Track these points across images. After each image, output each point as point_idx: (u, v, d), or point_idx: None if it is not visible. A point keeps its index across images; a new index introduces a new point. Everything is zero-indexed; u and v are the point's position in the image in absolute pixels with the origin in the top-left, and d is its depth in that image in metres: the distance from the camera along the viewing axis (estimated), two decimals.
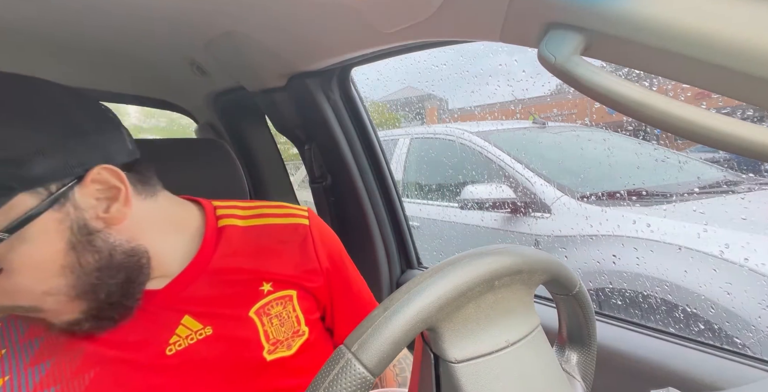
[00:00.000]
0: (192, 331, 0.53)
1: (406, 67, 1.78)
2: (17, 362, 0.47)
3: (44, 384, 0.47)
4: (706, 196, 1.60)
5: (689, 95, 1.42)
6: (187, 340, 0.52)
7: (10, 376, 0.46)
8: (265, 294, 0.58)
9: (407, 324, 0.30)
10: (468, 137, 2.16)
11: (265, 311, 0.57)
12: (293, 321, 0.59)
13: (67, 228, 0.43)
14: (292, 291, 0.59)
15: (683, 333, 0.74)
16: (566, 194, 1.70)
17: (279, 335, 0.57)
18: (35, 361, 0.47)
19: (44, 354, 0.48)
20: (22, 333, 0.49)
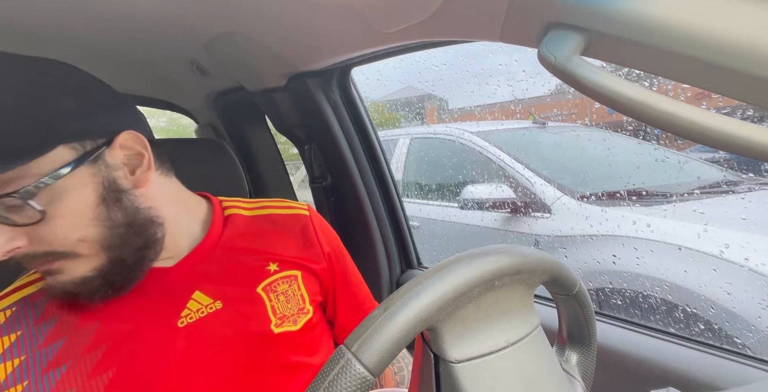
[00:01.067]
0: (202, 305, 0.56)
1: (406, 67, 1.78)
2: (31, 343, 0.49)
3: (57, 362, 0.49)
4: (706, 196, 1.60)
5: (689, 95, 1.42)
6: (197, 313, 0.55)
7: (26, 357, 0.49)
8: (272, 273, 0.61)
9: (407, 324, 0.30)
10: (468, 136, 2.16)
11: (271, 288, 0.61)
12: (298, 299, 0.62)
13: (99, 183, 0.48)
14: (296, 272, 0.63)
15: (683, 333, 0.74)
16: (566, 194, 1.70)
17: (285, 310, 0.60)
18: (48, 341, 0.50)
19: (57, 334, 0.50)
20: (37, 316, 0.51)
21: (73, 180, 0.46)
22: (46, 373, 0.49)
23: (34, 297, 0.52)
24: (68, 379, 0.49)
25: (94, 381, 0.50)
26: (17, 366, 0.48)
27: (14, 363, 0.49)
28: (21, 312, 0.51)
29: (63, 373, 0.50)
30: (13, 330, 0.50)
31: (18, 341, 0.49)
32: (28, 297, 0.52)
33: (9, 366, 0.48)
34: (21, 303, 0.52)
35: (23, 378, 0.48)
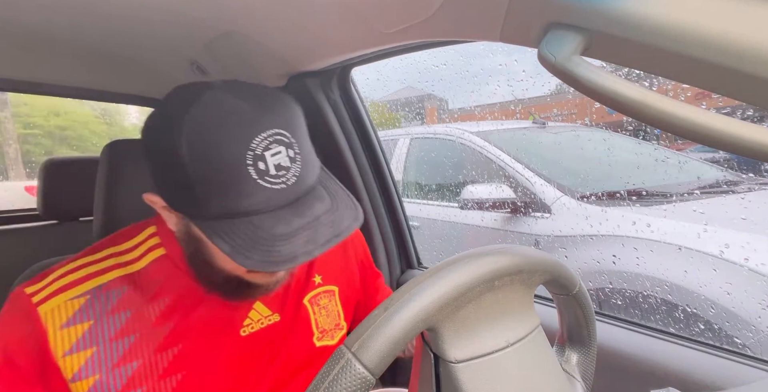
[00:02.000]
0: (262, 316, 0.59)
1: (406, 67, 1.78)
2: (103, 335, 0.50)
3: (127, 358, 0.50)
4: (706, 196, 1.60)
5: (689, 95, 1.42)
6: (258, 324, 0.59)
7: (97, 349, 0.49)
8: (316, 286, 0.65)
9: (407, 324, 0.30)
10: (468, 136, 2.16)
11: (315, 301, 0.64)
12: (335, 315, 0.66)
13: None
14: (335, 287, 0.67)
15: (683, 333, 0.74)
16: (566, 194, 1.70)
17: (325, 324, 0.64)
18: (120, 335, 0.51)
19: (129, 329, 0.51)
20: (109, 308, 0.51)
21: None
22: (117, 368, 0.50)
23: (106, 287, 0.52)
24: (139, 377, 0.50)
25: (164, 382, 0.51)
26: (89, 357, 0.49)
27: (86, 354, 0.49)
28: (93, 302, 0.51)
29: (134, 370, 0.50)
30: (86, 319, 0.50)
31: (90, 331, 0.50)
32: (101, 287, 0.52)
33: (82, 356, 0.49)
34: (93, 292, 0.52)
35: (95, 372, 0.49)
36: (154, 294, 0.54)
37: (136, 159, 0.75)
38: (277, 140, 0.44)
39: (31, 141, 7.86)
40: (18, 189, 4.46)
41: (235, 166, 0.42)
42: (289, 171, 0.45)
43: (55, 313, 0.49)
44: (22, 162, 7.20)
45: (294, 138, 0.46)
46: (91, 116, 8.46)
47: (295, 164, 0.46)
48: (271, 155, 0.44)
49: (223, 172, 0.43)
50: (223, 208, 0.44)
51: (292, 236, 0.44)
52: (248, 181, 0.43)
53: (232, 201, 0.44)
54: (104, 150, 0.74)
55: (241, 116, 0.44)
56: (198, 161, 0.43)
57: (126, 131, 9.24)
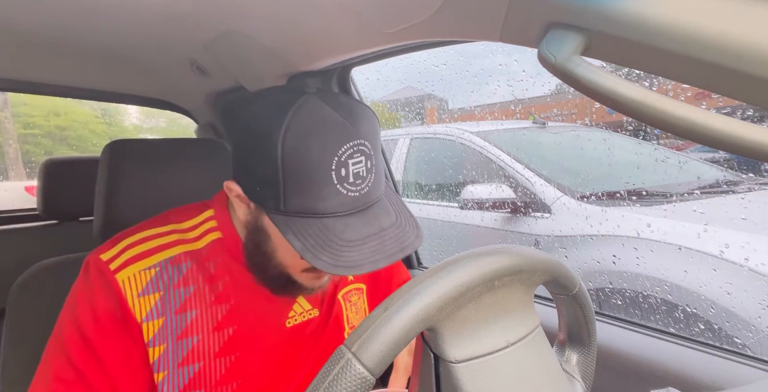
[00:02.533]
0: (304, 310, 0.63)
1: (406, 67, 1.78)
2: (170, 306, 0.54)
3: (188, 331, 0.54)
4: (706, 196, 1.60)
5: (689, 95, 1.42)
6: (300, 317, 0.62)
7: (164, 319, 0.53)
8: (349, 282, 0.69)
9: (407, 324, 0.30)
10: (468, 136, 2.16)
11: (347, 297, 0.68)
12: (363, 312, 0.69)
13: None
14: (363, 285, 0.70)
15: (683, 333, 0.74)
16: (566, 194, 1.70)
17: (354, 321, 0.67)
18: (184, 308, 0.55)
19: (192, 303, 0.55)
20: (176, 281, 0.55)
21: None
22: (180, 340, 0.54)
23: (173, 261, 0.56)
24: (197, 352, 0.54)
25: (219, 361, 0.55)
26: (161, 326, 0.53)
27: (159, 322, 0.53)
28: (162, 273, 0.55)
29: (194, 344, 0.54)
30: (157, 289, 0.54)
31: (161, 301, 0.54)
32: (168, 261, 0.56)
33: (156, 324, 0.53)
34: (163, 264, 0.55)
35: (164, 340, 0.53)
36: (213, 273, 0.58)
37: (136, 159, 0.75)
38: (360, 150, 0.49)
39: (31, 141, 7.87)
40: (18, 189, 4.47)
41: (322, 169, 0.47)
42: (364, 181, 0.50)
43: (132, 282, 0.53)
44: (22, 162, 7.21)
45: (373, 150, 0.51)
46: (91, 116, 8.46)
47: (370, 174, 0.51)
48: (353, 164, 0.48)
49: (310, 173, 0.47)
50: (300, 206, 0.48)
51: (361, 244, 0.48)
52: (329, 184, 0.47)
53: (310, 201, 0.48)
54: (104, 150, 0.74)
55: (334, 124, 0.48)
56: (291, 160, 0.47)
57: (126, 131, 9.24)
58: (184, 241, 0.58)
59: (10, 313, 0.71)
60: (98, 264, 0.54)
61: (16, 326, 0.71)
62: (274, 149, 0.47)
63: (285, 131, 0.47)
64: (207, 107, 1.32)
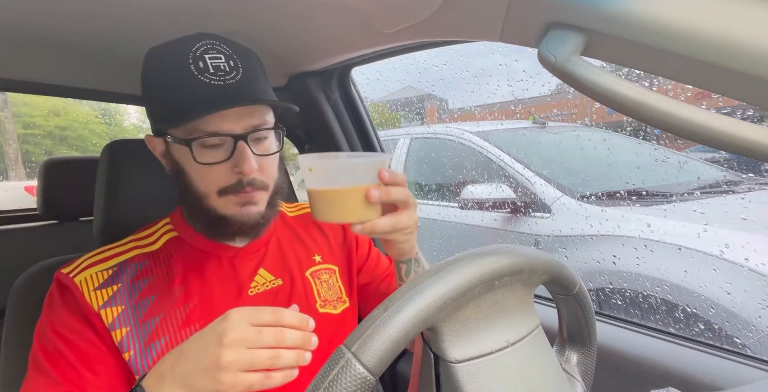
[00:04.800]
0: (266, 280, 0.66)
1: (406, 67, 1.78)
2: (129, 296, 0.58)
3: (150, 314, 0.58)
4: (706, 196, 1.60)
5: (689, 95, 1.42)
6: (263, 286, 0.65)
7: (125, 307, 0.58)
8: (317, 263, 0.72)
9: (407, 324, 0.30)
10: (468, 136, 2.16)
11: (317, 275, 0.71)
12: (337, 289, 0.72)
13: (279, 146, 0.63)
14: (335, 266, 0.73)
15: (683, 333, 0.74)
16: (566, 194, 1.70)
17: (327, 295, 0.70)
18: (142, 296, 0.59)
19: (150, 290, 0.60)
20: (132, 276, 0.60)
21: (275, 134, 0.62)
22: (144, 323, 0.58)
23: (128, 261, 0.61)
24: (161, 329, 0.58)
25: (183, 331, 0.59)
26: (120, 312, 0.57)
27: (118, 309, 0.57)
28: (119, 272, 0.60)
29: (157, 323, 0.58)
30: (114, 283, 0.59)
31: (119, 292, 0.58)
32: (125, 261, 0.61)
33: (115, 310, 0.57)
34: (119, 265, 0.61)
35: (126, 324, 0.57)
36: (168, 264, 0.62)
37: (136, 159, 0.75)
38: (215, 48, 0.55)
39: (31, 141, 7.86)
40: (18, 189, 4.47)
41: (178, 65, 0.53)
42: (228, 74, 0.54)
43: (89, 280, 0.58)
44: (22, 162, 7.21)
45: (236, 56, 0.56)
46: (91, 116, 8.46)
47: (235, 71, 0.55)
48: (209, 58, 0.54)
49: (170, 74, 0.54)
50: (174, 106, 0.54)
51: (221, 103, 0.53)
52: (190, 76, 0.53)
53: (178, 96, 0.54)
54: (104, 150, 0.74)
55: (189, 36, 0.56)
56: (153, 73, 0.56)
57: (126, 131, 9.24)
58: (140, 246, 0.64)
59: (10, 313, 0.71)
60: (58, 277, 0.59)
61: (16, 326, 0.71)
62: (144, 73, 0.58)
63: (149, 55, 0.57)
64: None
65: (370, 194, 0.48)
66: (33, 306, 0.72)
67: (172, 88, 0.54)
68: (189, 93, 0.53)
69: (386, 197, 0.50)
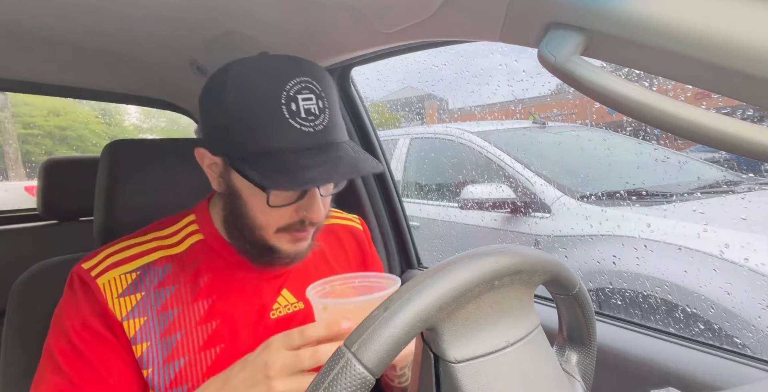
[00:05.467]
0: (288, 303, 0.64)
1: (406, 67, 1.78)
2: (151, 306, 0.56)
3: (171, 329, 0.56)
4: (706, 196, 1.60)
5: (689, 95, 1.42)
6: (285, 309, 0.64)
7: (147, 318, 0.55)
8: None
9: (407, 324, 0.30)
10: (468, 137, 2.16)
11: None
12: None
13: None
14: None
15: (683, 333, 0.74)
16: (566, 194, 1.70)
17: None
18: (165, 307, 0.57)
19: (173, 302, 0.57)
20: (156, 283, 0.57)
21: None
22: (164, 338, 0.55)
23: (153, 264, 0.58)
24: (182, 347, 0.56)
25: (204, 353, 0.57)
26: (142, 324, 0.55)
27: (140, 321, 0.55)
28: (143, 277, 0.57)
29: (177, 340, 0.56)
30: (138, 291, 0.56)
31: (142, 301, 0.56)
32: (149, 265, 0.58)
33: (137, 323, 0.54)
34: (143, 268, 0.58)
35: (146, 339, 0.54)
36: (194, 273, 0.59)
37: (136, 159, 0.75)
38: (308, 87, 0.51)
39: (31, 141, 7.86)
40: (18, 189, 4.47)
41: (271, 104, 0.49)
42: (318, 119, 0.52)
43: (112, 284, 0.55)
44: (22, 162, 7.21)
45: (324, 93, 0.53)
46: (91, 116, 8.46)
47: (324, 114, 0.52)
48: (302, 100, 0.50)
49: (259, 109, 0.50)
50: (257, 145, 0.50)
51: (315, 167, 0.50)
52: (281, 119, 0.49)
53: (265, 138, 0.50)
54: (104, 150, 0.74)
55: (279, 64, 0.52)
56: (239, 102, 0.50)
57: (126, 131, 9.24)
58: (164, 247, 0.60)
59: (10, 313, 0.71)
60: (80, 273, 0.56)
61: (16, 326, 0.71)
62: (224, 95, 0.51)
63: (231, 75, 0.51)
64: None
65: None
66: (33, 306, 0.72)
67: (259, 128, 0.50)
68: (278, 139, 0.50)
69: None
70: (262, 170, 0.49)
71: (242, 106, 0.50)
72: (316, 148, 0.51)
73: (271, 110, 0.49)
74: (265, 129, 0.50)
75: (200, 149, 0.58)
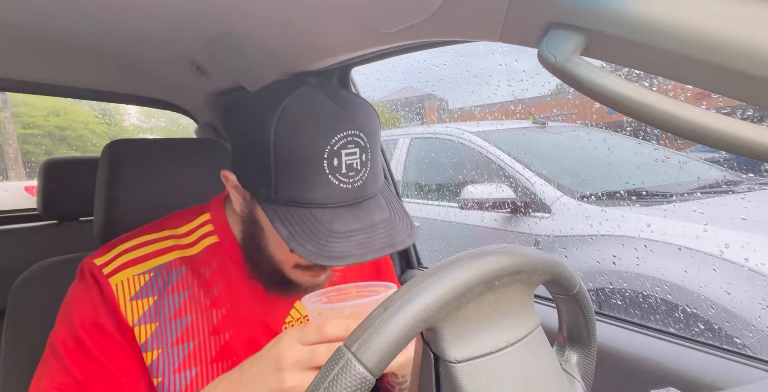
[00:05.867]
0: (301, 315, 0.63)
1: (406, 67, 1.78)
2: (164, 312, 0.54)
3: (184, 337, 0.54)
4: (706, 196, 1.60)
5: (689, 95, 1.42)
6: (297, 322, 0.62)
7: (158, 324, 0.53)
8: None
9: (407, 324, 0.30)
10: (468, 137, 2.16)
11: None
12: None
13: None
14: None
15: (683, 333, 0.74)
16: (566, 194, 1.70)
17: None
18: (179, 314, 0.55)
19: (187, 308, 0.55)
20: (169, 286, 0.55)
21: None
22: (175, 346, 0.54)
23: (167, 266, 0.56)
24: (194, 357, 0.54)
25: (216, 364, 0.55)
26: (154, 331, 0.53)
27: (152, 327, 0.53)
28: (157, 278, 0.55)
29: (190, 350, 0.54)
30: (151, 294, 0.54)
31: (155, 305, 0.54)
32: (162, 266, 0.56)
33: (149, 329, 0.53)
34: (157, 270, 0.56)
35: (158, 346, 0.53)
36: (208, 278, 0.57)
37: (136, 159, 0.75)
38: (354, 141, 0.48)
39: (31, 141, 7.86)
40: (18, 189, 4.47)
41: (313, 157, 0.47)
42: (358, 174, 0.49)
43: (125, 286, 0.53)
44: (22, 162, 7.21)
45: (369, 144, 0.50)
46: (91, 116, 8.46)
47: (365, 168, 0.50)
48: (346, 154, 0.48)
49: (301, 161, 0.47)
50: (290, 194, 0.48)
51: (348, 236, 0.47)
52: (321, 174, 0.47)
53: (301, 190, 0.48)
54: (104, 150, 0.74)
55: (328, 112, 0.48)
56: (283, 146, 0.47)
57: (126, 131, 9.25)
58: (179, 247, 0.58)
59: (10, 313, 0.71)
60: (92, 269, 0.54)
61: (16, 326, 0.71)
62: (267, 135, 0.47)
63: (279, 116, 0.47)
64: (207, 107, 1.32)
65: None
66: (33, 305, 0.72)
67: (296, 178, 0.48)
68: (314, 194, 0.48)
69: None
70: (291, 227, 0.47)
71: (283, 150, 0.47)
72: (350, 205, 0.49)
73: (312, 163, 0.47)
74: (303, 182, 0.47)
75: (228, 173, 0.55)
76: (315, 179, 0.47)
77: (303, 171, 0.47)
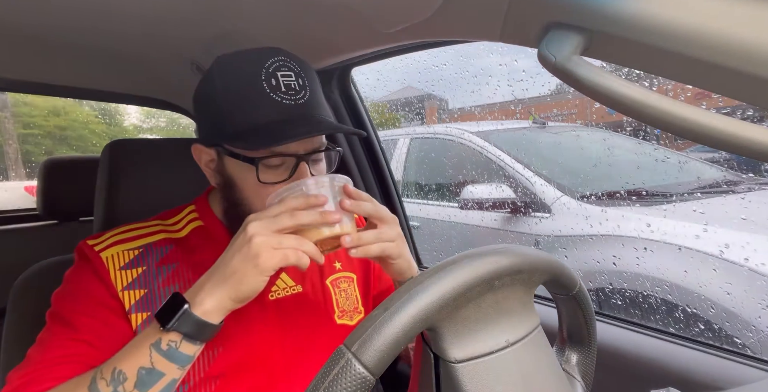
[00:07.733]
0: (287, 285, 0.66)
1: (406, 67, 1.78)
2: (153, 280, 0.58)
3: None
4: (706, 196, 1.60)
5: (689, 95, 1.42)
6: (284, 291, 0.65)
7: (147, 291, 0.58)
8: (337, 270, 0.72)
9: (407, 324, 0.30)
10: (468, 136, 2.16)
11: (336, 283, 0.71)
12: (354, 299, 0.72)
13: None
14: (353, 274, 0.73)
15: (683, 333, 0.74)
16: (566, 194, 1.70)
17: (345, 306, 0.70)
18: (167, 282, 0.59)
19: (174, 278, 0.60)
20: (158, 259, 0.60)
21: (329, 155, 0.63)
22: None
23: (156, 244, 0.61)
24: None
25: None
26: (142, 296, 0.57)
27: (141, 292, 0.57)
28: (146, 253, 0.60)
29: None
30: (140, 265, 0.59)
31: (143, 274, 0.58)
32: (152, 244, 0.61)
33: (137, 293, 0.57)
34: (146, 247, 0.61)
35: (146, 309, 0.56)
36: (194, 254, 0.62)
37: (136, 159, 0.75)
38: (286, 65, 0.55)
39: (31, 141, 7.86)
40: (18, 189, 4.47)
41: (252, 81, 0.53)
42: (298, 93, 0.55)
43: (115, 258, 0.58)
44: (22, 162, 7.21)
45: (303, 73, 0.56)
46: (91, 116, 8.46)
47: (304, 91, 0.55)
48: (281, 76, 0.54)
49: (242, 89, 0.54)
50: (244, 122, 0.54)
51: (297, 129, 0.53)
52: (263, 94, 0.53)
53: (251, 114, 0.54)
54: (104, 150, 0.74)
55: (258, 50, 0.56)
56: (224, 87, 0.55)
57: (126, 131, 9.24)
58: (167, 231, 0.63)
59: (10, 313, 0.71)
60: (84, 248, 0.59)
61: (16, 326, 0.71)
62: (211, 86, 0.56)
63: (216, 67, 0.56)
64: None
65: (342, 203, 0.51)
66: (33, 306, 0.72)
67: (244, 105, 0.54)
68: (263, 113, 0.53)
69: (357, 208, 0.52)
70: (250, 142, 0.52)
71: (227, 89, 0.55)
72: (299, 119, 0.54)
73: (252, 87, 0.53)
74: (250, 105, 0.54)
75: (196, 146, 0.61)
76: (259, 100, 0.53)
77: (247, 97, 0.53)
